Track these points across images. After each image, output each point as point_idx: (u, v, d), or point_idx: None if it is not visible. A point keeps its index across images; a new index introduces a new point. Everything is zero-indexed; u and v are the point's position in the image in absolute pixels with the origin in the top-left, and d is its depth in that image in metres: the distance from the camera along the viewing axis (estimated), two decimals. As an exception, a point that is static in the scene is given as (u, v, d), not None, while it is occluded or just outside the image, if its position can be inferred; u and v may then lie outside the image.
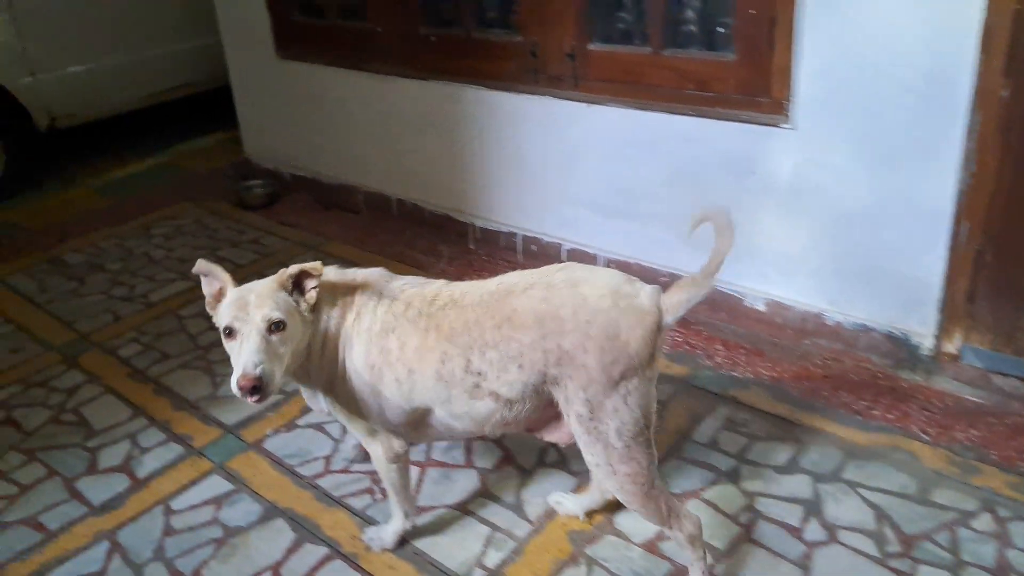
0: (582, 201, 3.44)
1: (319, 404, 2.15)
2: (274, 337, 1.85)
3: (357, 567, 2.25)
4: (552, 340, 1.84)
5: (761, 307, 3.10)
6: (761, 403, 2.77)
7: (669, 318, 1.89)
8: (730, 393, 2.83)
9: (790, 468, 2.49)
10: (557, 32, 3.25)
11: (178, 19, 5.86)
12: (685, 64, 2.96)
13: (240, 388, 1.79)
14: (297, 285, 1.96)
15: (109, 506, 2.53)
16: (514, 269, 3.79)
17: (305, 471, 2.62)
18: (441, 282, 2.09)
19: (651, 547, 2.24)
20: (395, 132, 4.16)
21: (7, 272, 4.17)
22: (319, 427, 2.82)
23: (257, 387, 1.78)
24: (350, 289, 2.05)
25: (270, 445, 2.75)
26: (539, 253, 3.73)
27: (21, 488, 2.63)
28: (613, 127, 3.23)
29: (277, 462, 2.66)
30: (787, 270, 3.00)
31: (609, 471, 1.93)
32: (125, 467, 2.69)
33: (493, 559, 2.25)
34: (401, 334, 1.96)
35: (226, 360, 2.33)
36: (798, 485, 2.42)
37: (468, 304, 1.94)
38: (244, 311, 1.85)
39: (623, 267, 3.42)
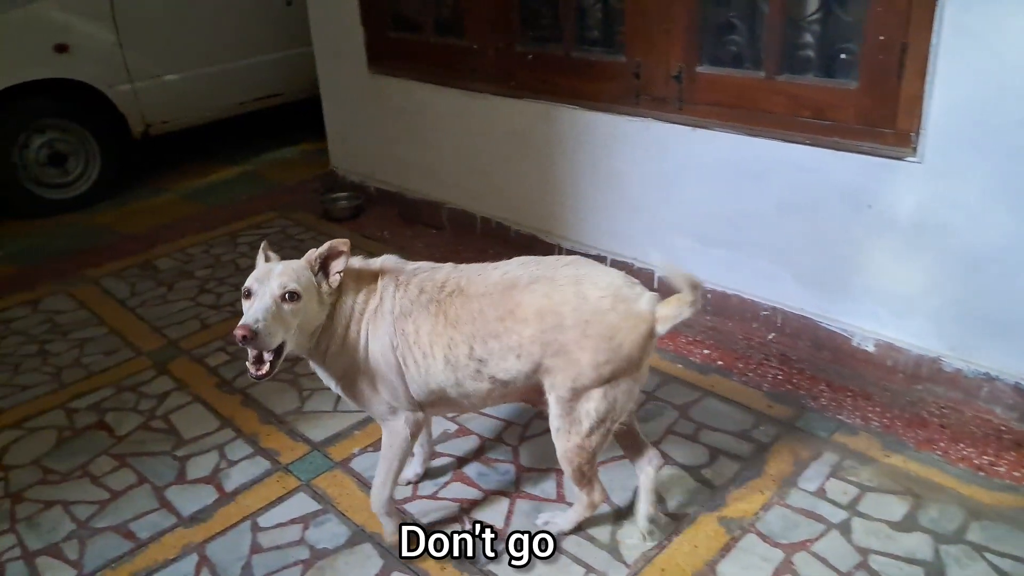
0: (680, 228, 3.33)
1: (333, 383, 2.22)
2: (286, 306, 1.94)
3: (447, 601, 2.17)
4: (551, 335, 1.96)
5: (870, 348, 2.93)
6: (872, 451, 2.61)
7: (661, 328, 1.99)
8: (837, 439, 2.67)
9: (908, 525, 2.32)
10: (663, 53, 3.15)
11: (271, 30, 5.95)
12: (801, 90, 2.83)
13: (236, 334, 1.86)
14: (324, 267, 2.06)
15: (198, 518, 2.51)
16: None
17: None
18: (449, 266, 2.17)
19: (756, 603, 2.11)
20: (484, 150, 4.12)
21: (100, 274, 4.25)
22: (407, 449, 2.76)
23: (247, 338, 1.85)
24: (372, 276, 2.15)
25: (357, 465, 2.69)
26: (630, 279, 3.62)
27: (112, 494, 2.63)
28: (719, 152, 3.11)
29: (364, 483, 2.60)
30: (902, 311, 2.83)
31: (566, 439, 2.07)
32: (213, 479, 2.67)
33: (589, 603, 2.14)
34: (416, 319, 2.06)
35: (313, 375, 2.32)
36: (917, 544, 2.25)
37: (473, 294, 2.03)
38: (266, 277, 1.97)
39: (723, 299, 3.30)
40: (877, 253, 2.82)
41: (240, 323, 1.89)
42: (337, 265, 2.06)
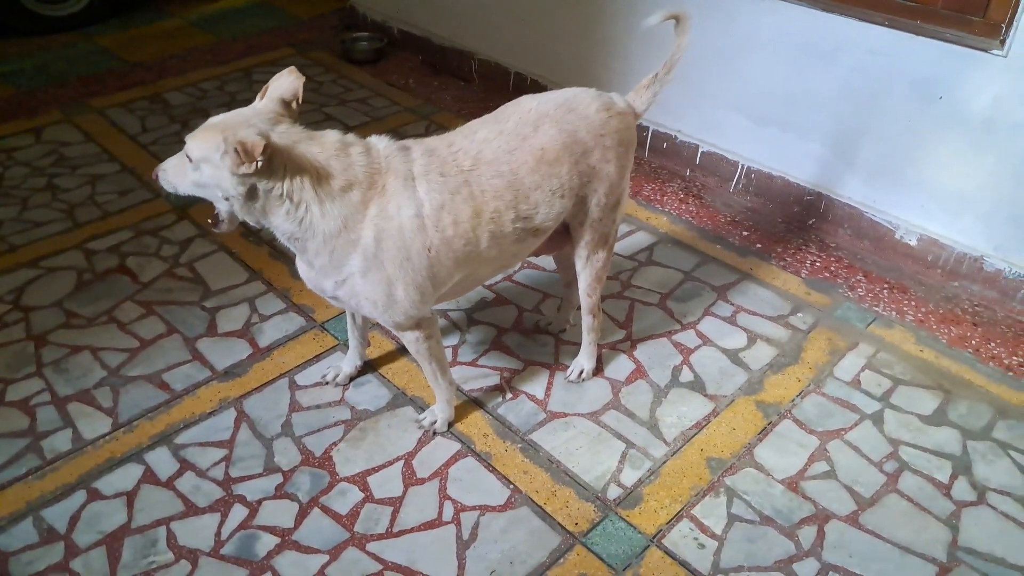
0: (733, 103, 3.18)
1: (326, 284, 2.01)
2: (190, 165, 1.82)
3: (491, 467, 2.20)
4: (583, 162, 2.06)
5: (912, 242, 2.90)
6: (906, 345, 2.63)
7: (642, 111, 2.22)
8: (873, 330, 2.69)
9: (937, 419, 2.38)
10: (736, -94, 2.89)
11: None
12: (887, -37, 2.63)
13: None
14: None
15: (233, 372, 2.48)
16: (639, 166, 3.54)
17: (431, 360, 2.54)
18: (444, 138, 2.00)
19: (793, 485, 2.17)
20: (524, -4, 3.82)
21: (106, 104, 4.01)
22: (444, 314, 2.72)
23: (155, 177, 1.92)
24: (373, 167, 1.86)
25: (393, 327, 2.65)
26: (669, 152, 3.49)
27: (142, 343, 2.58)
28: (788, 26, 2.91)
29: (402, 346, 2.58)
30: (953, 208, 2.77)
31: (594, 258, 2.24)
32: (245, 333, 2.63)
33: (629, 477, 2.19)
34: (452, 209, 1.90)
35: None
36: (946, 439, 2.32)
37: (493, 159, 1.95)
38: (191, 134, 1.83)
39: (766, 180, 3.22)
40: (939, 147, 2.72)
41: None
42: (247, 167, 1.72)
